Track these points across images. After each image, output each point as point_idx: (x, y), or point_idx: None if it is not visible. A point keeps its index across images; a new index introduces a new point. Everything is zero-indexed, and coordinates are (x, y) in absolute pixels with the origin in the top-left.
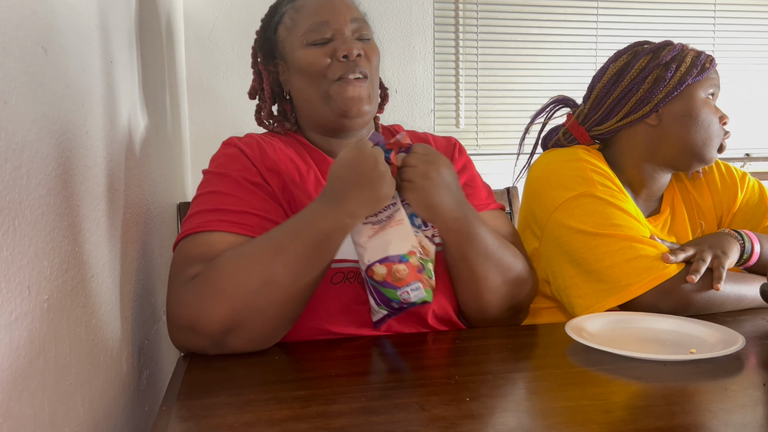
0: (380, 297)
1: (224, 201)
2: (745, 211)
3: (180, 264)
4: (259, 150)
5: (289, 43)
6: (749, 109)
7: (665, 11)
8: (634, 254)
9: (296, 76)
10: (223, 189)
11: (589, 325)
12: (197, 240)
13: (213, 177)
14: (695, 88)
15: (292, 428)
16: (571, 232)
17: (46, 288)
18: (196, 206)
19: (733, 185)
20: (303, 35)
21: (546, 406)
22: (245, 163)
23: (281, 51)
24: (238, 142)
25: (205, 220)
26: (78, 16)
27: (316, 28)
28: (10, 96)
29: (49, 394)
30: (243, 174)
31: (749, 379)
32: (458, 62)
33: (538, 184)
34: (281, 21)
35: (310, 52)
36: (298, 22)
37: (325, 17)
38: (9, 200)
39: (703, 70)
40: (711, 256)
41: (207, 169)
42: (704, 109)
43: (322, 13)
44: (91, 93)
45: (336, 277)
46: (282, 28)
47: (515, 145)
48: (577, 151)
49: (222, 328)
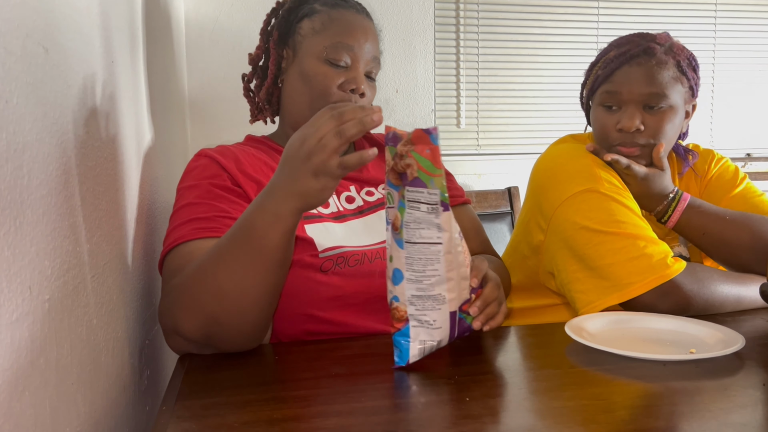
0: (460, 328)
1: (196, 211)
2: (713, 184)
3: (166, 277)
4: (233, 158)
5: (308, 43)
6: (749, 109)
7: (666, 11)
8: (637, 253)
9: (298, 77)
10: (193, 200)
11: (589, 325)
12: (178, 252)
13: (184, 191)
14: (595, 96)
15: (292, 428)
16: (575, 228)
17: (47, 288)
18: (172, 223)
19: (709, 160)
20: (325, 48)
21: (546, 406)
22: (214, 170)
23: (296, 43)
24: (209, 152)
25: (180, 234)
26: (79, 16)
27: (340, 49)
28: (12, 96)
29: (50, 394)
30: (211, 181)
31: (749, 379)
32: (459, 62)
33: (544, 177)
34: (310, 16)
35: (325, 68)
36: (327, 31)
37: (352, 42)
38: (10, 200)
39: (599, 80)
40: (640, 168)
41: (179, 184)
42: (596, 117)
43: (352, 36)
44: (93, 93)
45: (326, 264)
46: (308, 24)
47: (516, 145)
48: (582, 147)
49: (198, 335)
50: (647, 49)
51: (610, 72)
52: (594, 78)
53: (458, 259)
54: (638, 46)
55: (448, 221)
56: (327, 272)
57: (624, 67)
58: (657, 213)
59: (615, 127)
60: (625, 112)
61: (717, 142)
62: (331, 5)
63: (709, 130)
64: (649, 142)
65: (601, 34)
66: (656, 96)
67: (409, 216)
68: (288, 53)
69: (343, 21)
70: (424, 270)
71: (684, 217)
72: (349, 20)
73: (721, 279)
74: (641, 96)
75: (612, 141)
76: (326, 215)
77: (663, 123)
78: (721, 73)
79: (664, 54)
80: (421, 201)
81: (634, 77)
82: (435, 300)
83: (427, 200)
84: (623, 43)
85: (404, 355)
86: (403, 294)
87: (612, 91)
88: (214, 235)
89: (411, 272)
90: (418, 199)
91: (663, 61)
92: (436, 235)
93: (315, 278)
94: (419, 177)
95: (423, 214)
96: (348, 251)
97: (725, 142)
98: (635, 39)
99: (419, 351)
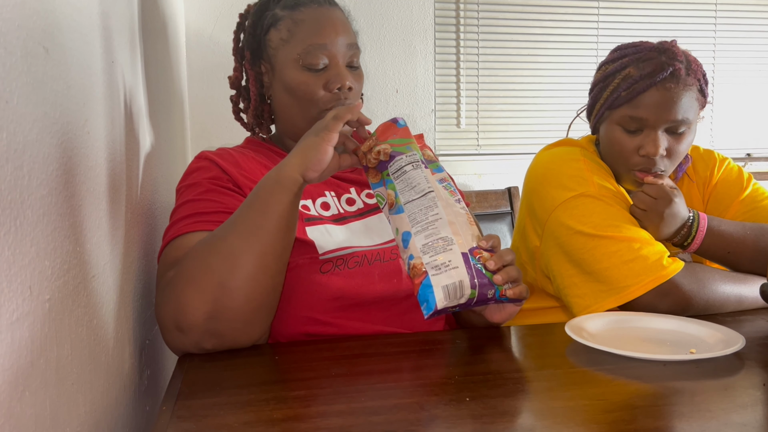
0: (481, 280)
1: (196, 206)
2: (719, 189)
3: (161, 271)
4: (233, 162)
5: (281, 55)
6: (749, 109)
7: (666, 11)
8: (633, 255)
9: (283, 90)
10: (193, 197)
11: (589, 325)
12: (174, 245)
13: (184, 190)
14: (613, 114)
15: (292, 428)
16: (570, 233)
17: (47, 288)
18: (172, 219)
19: (712, 164)
20: (299, 54)
21: (546, 406)
22: (215, 172)
23: (270, 56)
24: (209, 155)
25: (179, 227)
26: (79, 16)
27: (313, 51)
28: (12, 96)
29: (50, 394)
30: (213, 181)
31: (749, 379)
32: (459, 62)
33: (537, 182)
34: (275, 25)
35: (305, 76)
36: (295, 38)
37: (323, 39)
38: (10, 200)
39: (620, 100)
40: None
41: (179, 184)
42: (612, 136)
43: (321, 34)
44: (93, 93)
45: (325, 266)
46: (275, 34)
47: (516, 145)
48: (576, 151)
49: (202, 316)
50: (674, 72)
51: (634, 95)
52: (613, 95)
53: (455, 206)
54: (662, 69)
55: (431, 175)
56: (326, 273)
57: (651, 91)
58: (680, 237)
59: (637, 151)
60: (648, 137)
61: (717, 142)
62: (291, 7)
63: (709, 130)
64: (667, 166)
65: (601, 34)
66: (682, 122)
67: (399, 184)
68: (266, 67)
69: (309, 21)
70: (426, 217)
71: (707, 240)
72: (315, 18)
73: (722, 279)
74: (667, 122)
75: (632, 165)
76: (327, 217)
77: (683, 146)
78: (721, 73)
79: (687, 75)
80: (403, 165)
81: (661, 104)
82: (444, 241)
83: (409, 161)
84: (642, 58)
85: (431, 301)
86: (415, 248)
87: (636, 116)
88: (211, 228)
89: (416, 225)
90: (401, 166)
91: (689, 85)
92: (426, 185)
93: (314, 280)
94: (395, 150)
95: (410, 173)
96: (348, 253)
97: (725, 142)
98: (654, 55)
99: (444, 294)
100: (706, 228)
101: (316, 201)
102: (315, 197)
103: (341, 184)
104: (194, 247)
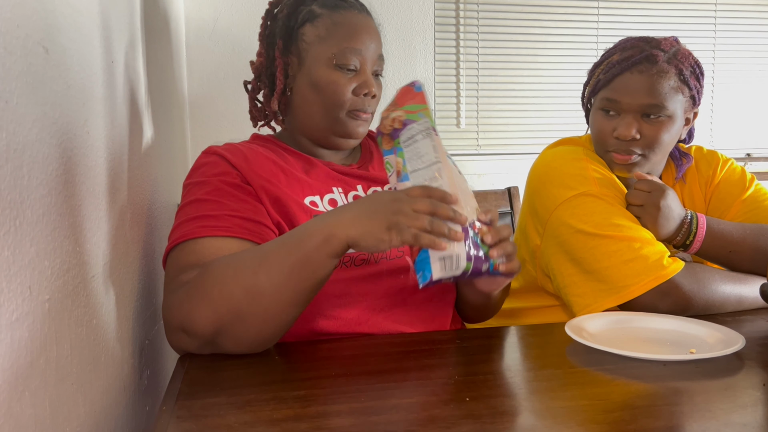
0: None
1: (204, 207)
2: (721, 189)
3: (172, 273)
4: (242, 157)
5: (315, 51)
6: (749, 109)
7: (666, 11)
8: (633, 255)
9: (308, 86)
10: (201, 196)
11: (589, 325)
12: (186, 248)
13: (192, 187)
14: (596, 100)
15: (292, 428)
16: (570, 232)
17: (47, 288)
18: (179, 218)
19: (714, 164)
20: (334, 54)
21: (546, 406)
22: (224, 168)
23: (300, 50)
24: (217, 150)
25: (189, 229)
26: (79, 16)
27: (348, 54)
28: (12, 96)
29: (50, 394)
30: (221, 178)
31: (749, 379)
32: (459, 62)
33: (539, 181)
34: (312, 22)
35: (336, 75)
36: (333, 37)
37: (359, 45)
38: (10, 200)
39: (599, 84)
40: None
41: (186, 180)
42: (594, 119)
43: (357, 39)
44: (92, 93)
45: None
46: (311, 30)
47: (516, 145)
48: (578, 150)
49: (210, 330)
50: (650, 56)
51: (611, 77)
52: (596, 81)
53: (459, 177)
54: (641, 53)
55: (440, 143)
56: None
57: (625, 74)
58: (681, 236)
59: (612, 134)
60: (623, 120)
61: (717, 142)
62: (331, 7)
63: (709, 130)
64: (645, 152)
65: (601, 34)
66: (654, 107)
67: (408, 153)
68: (292, 60)
69: (348, 24)
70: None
71: (708, 239)
72: (353, 23)
73: (722, 279)
74: (639, 106)
75: (608, 147)
76: None
77: (660, 133)
78: (721, 73)
79: (666, 62)
80: (414, 134)
81: (633, 86)
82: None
83: (420, 129)
84: (627, 47)
85: (426, 272)
86: None
87: (611, 98)
88: (223, 234)
89: None
90: (412, 135)
91: (664, 71)
92: (433, 155)
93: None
94: (408, 118)
95: (419, 142)
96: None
97: (725, 142)
98: (639, 44)
99: (440, 266)
100: (705, 225)
101: (324, 197)
102: (323, 193)
103: (348, 180)
104: (216, 265)
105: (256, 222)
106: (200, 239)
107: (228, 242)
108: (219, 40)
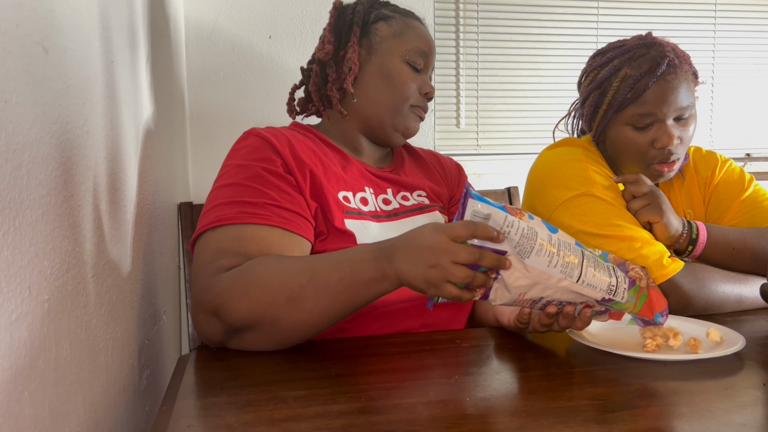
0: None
1: (244, 193)
2: (720, 190)
3: (210, 255)
4: (286, 142)
5: (389, 44)
6: (749, 109)
7: (666, 11)
8: (633, 255)
9: (378, 75)
10: (241, 180)
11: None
12: (228, 233)
13: (231, 169)
14: (620, 116)
15: (292, 428)
16: (571, 232)
17: (46, 288)
18: (216, 199)
19: (713, 165)
20: (407, 50)
21: (546, 406)
22: (266, 153)
23: (372, 42)
24: (261, 132)
25: (229, 214)
26: (79, 16)
27: (417, 54)
28: (11, 96)
29: (49, 394)
30: (263, 165)
31: (750, 379)
32: (458, 62)
33: (539, 181)
34: (386, 21)
35: (408, 71)
36: (406, 36)
37: (427, 50)
38: (9, 200)
39: (626, 101)
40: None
41: (226, 161)
42: (624, 136)
43: (426, 45)
44: (92, 93)
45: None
46: (386, 27)
47: (516, 145)
48: (578, 151)
49: (244, 323)
50: (670, 63)
51: (639, 93)
52: (620, 99)
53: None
54: (658, 63)
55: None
56: None
57: (654, 86)
58: (681, 243)
59: (651, 146)
60: (661, 130)
61: (716, 142)
62: (403, 14)
63: (708, 130)
64: (681, 153)
65: (601, 34)
66: (687, 108)
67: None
68: (362, 52)
69: (418, 30)
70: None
71: (710, 242)
72: (422, 31)
73: (722, 279)
74: (675, 112)
75: (650, 160)
76: (366, 213)
77: (691, 129)
78: (721, 73)
79: (680, 63)
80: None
81: (665, 95)
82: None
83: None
84: (633, 57)
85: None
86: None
87: (645, 112)
88: (263, 223)
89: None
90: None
91: (684, 71)
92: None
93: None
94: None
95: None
96: None
97: (725, 142)
98: (645, 52)
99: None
100: (705, 226)
101: (356, 194)
102: (356, 191)
103: (380, 183)
104: (264, 266)
105: (295, 213)
106: (243, 226)
107: (271, 232)
108: (219, 40)
